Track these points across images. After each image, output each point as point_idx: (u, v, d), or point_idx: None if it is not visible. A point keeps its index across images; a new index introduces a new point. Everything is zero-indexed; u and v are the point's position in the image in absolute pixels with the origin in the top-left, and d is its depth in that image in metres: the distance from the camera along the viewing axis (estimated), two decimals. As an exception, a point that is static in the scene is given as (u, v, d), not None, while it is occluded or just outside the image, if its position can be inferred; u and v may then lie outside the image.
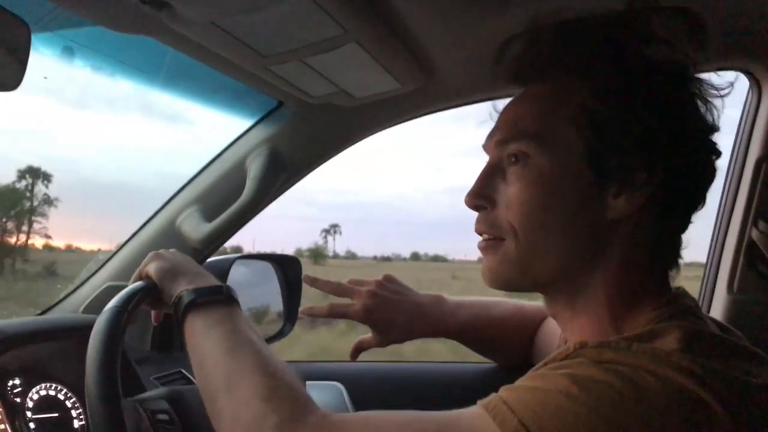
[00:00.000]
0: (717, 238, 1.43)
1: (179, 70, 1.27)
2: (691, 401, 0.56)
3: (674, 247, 0.75)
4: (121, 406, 0.77)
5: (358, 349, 1.19)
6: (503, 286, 0.78)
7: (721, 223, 1.42)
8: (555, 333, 1.10)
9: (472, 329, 1.21)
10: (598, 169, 0.69)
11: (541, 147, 0.72)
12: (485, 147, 0.80)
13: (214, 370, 0.77)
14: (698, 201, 0.73)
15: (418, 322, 1.17)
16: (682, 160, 0.69)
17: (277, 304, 1.61)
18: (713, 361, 0.60)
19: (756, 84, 1.29)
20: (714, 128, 0.72)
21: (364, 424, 0.68)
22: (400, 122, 1.40)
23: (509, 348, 1.26)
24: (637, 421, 0.56)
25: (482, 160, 0.80)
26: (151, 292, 0.91)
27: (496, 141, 0.77)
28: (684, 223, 0.74)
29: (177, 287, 0.88)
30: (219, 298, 0.86)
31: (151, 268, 0.93)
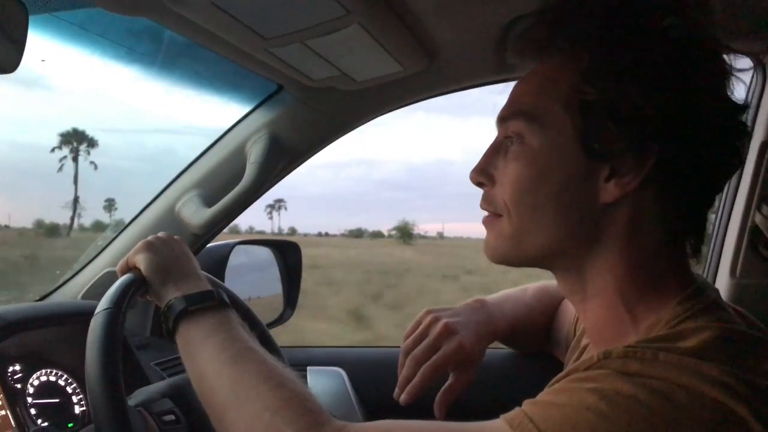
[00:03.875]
0: (720, 223, 1.43)
1: (178, 55, 1.25)
2: (723, 415, 0.55)
3: (689, 232, 0.72)
4: (129, 418, 0.76)
5: (447, 402, 1.03)
6: (500, 260, 0.77)
7: (724, 208, 1.42)
8: (567, 315, 1.09)
9: (522, 320, 1.15)
10: (588, 151, 0.68)
11: (533, 126, 0.72)
12: (496, 124, 0.79)
13: (216, 382, 0.75)
14: (708, 184, 0.70)
15: (483, 334, 1.07)
16: (682, 142, 0.66)
17: (277, 289, 1.61)
18: (746, 368, 0.58)
19: (761, 67, 1.28)
20: (730, 104, 0.69)
21: None
22: (401, 106, 1.39)
23: (529, 333, 1.20)
24: None
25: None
26: (141, 286, 0.89)
27: (498, 118, 0.77)
28: (697, 207, 0.71)
29: (166, 292, 0.87)
30: (211, 304, 0.84)
31: (140, 259, 0.91)
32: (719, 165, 0.69)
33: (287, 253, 1.65)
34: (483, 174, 0.77)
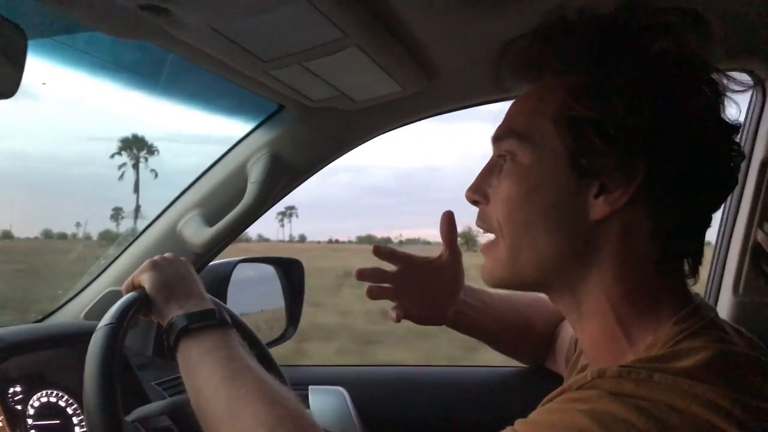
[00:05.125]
0: (722, 240, 1.42)
1: (179, 75, 1.26)
2: None
3: (685, 251, 0.71)
4: (122, 426, 0.76)
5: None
6: (497, 284, 0.77)
7: (726, 225, 1.41)
8: (568, 332, 1.09)
9: (491, 307, 1.17)
10: (577, 168, 0.69)
11: (524, 145, 0.72)
12: (491, 144, 0.80)
13: (213, 398, 0.76)
14: (701, 203, 0.70)
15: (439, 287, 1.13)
16: (670, 157, 0.66)
17: (280, 306, 1.61)
18: (742, 389, 0.57)
19: (760, 84, 1.28)
20: (721, 123, 0.68)
21: None
22: (402, 125, 1.39)
23: (526, 340, 1.23)
24: None
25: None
26: (144, 304, 0.90)
27: (492, 138, 0.78)
28: (691, 226, 0.71)
29: (168, 310, 0.88)
30: (212, 323, 0.85)
31: (145, 278, 0.93)
32: (711, 183, 0.69)
33: (290, 270, 1.64)
34: (478, 192, 0.78)
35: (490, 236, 0.78)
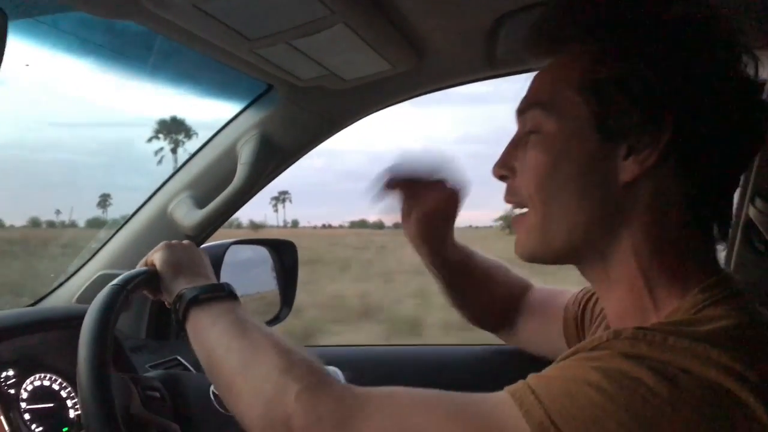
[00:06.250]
0: (714, 216, 1.42)
1: (166, 56, 1.25)
2: (726, 401, 0.55)
3: (714, 215, 0.71)
4: (108, 375, 0.80)
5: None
6: (530, 256, 0.77)
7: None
8: (556, 309, 1.07)
9: (464, 262, 1.13)
10: (604, 131, 0.69)
11: (549, 114, 0.73)
12: (516, 117, 0.80)
13: (226, 354, 0.79)
14: (729, 162, 0.70)
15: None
16: (697, 115, 0.66)
17: (273, 288, 1.61)
18: (761, 357, 0.58)
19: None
20: (745, 80, 0.68)
21: (388, 398, 0.69)
22: (392, 104, 1.39)
23: (491, 303, 1.19)
24: (668, 421, 0.54)
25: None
26: (152, 279, 0.94)
27: (516, 111, 0.79)
28: (720, 188, 0.71)
29: (176, 285, 0.91)
30: (221, 294, 0.88)
31: (157, 257, 0.97)
32: (738, 142, 0.69)
33: (283, 252, 1.64)
34: (504, 167, 0.79)
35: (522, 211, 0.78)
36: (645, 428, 0.54)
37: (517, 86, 0.82)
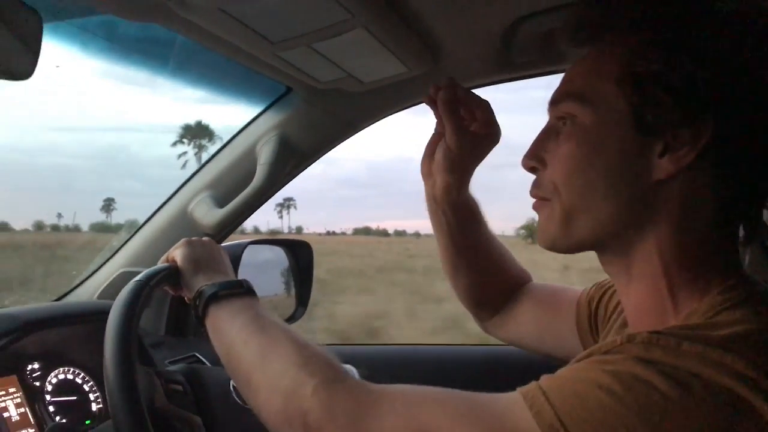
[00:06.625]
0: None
1: (189, 58, 1.28)
2: (739, 409, 0.54)
3: (743, 216, 0.69)
4: (134, 369, 0.82)
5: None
6: (549, 244, 0.76)
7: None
8: (564, 306, 1.03)
9: (473, 212, 1.04)
10: (642, 126, 0.67)
11: (584, 106, 0.71)
12: (548, 108, 0.78)
13: (244, 348, 0.80)
14: (765, 163, 0.67)
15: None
16: (739, 116, 0.64)
17: (289, 287, 1.63)
18: None
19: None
20: None
21: (401, 395, 0.68)
22: (409, 106, 1.40)
23: (494, 278, 1.11)
24: (678, 427, 0.53)
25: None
26: (173, 275, 0.95)
27: (550, 102, 0.77)
28: (753, 189, 0.68)
29: (196, 281, 0.92)
30: (240, 291, 0.89)
31: (177, 253, 0.98)
32: None
33: (299, 252, 1.66)
34: (534, 158, 0.76)
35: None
36: (653, 430, 0.54)
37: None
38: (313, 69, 1.13)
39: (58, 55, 1.06)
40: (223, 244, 1.50)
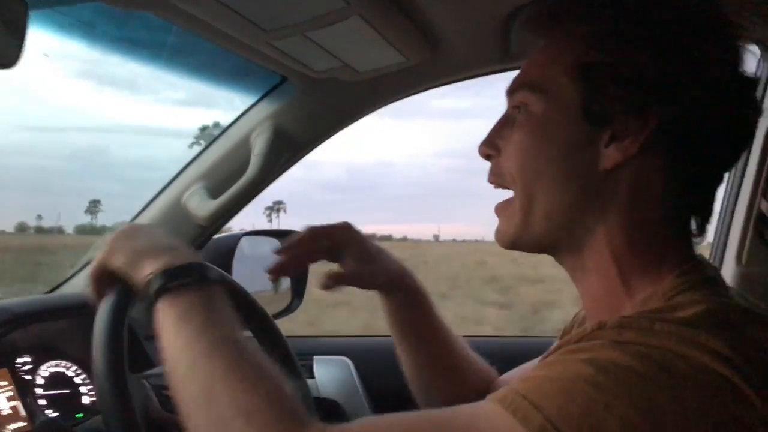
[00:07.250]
0: (725, 210, 1.42)
1: (182, 47, 1.26)
2: (722, 386, 0.54)
3: (695, 208, 0.71)
4: (126, 381, 0.75)
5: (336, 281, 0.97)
6: (510, 243, 0.76)
7: (729, 195, 1.41)
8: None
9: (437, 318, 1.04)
10: (590, 116, 0.68)
11: (536, 96, 0.72)
12: (506, 97, 0.80)
13: (188, 376, 0.66)
14: (714, 156, 0.69)
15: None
16: (684, 106, 0.65)
17: (284, 279, 1.62)
18: (742, 340, 0.57)
19: (767, 52, 1.26)
20: (737, 74, 0.68)
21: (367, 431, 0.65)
22: (405, 96, 1.39)
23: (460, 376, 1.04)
24: (669, 406, 0.53)
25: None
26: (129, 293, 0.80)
27: (506, 91, 0.78)
28: (703, 181, 0.70)
29: (142, 269, 0.75)
30: (189, 280, 0.72)
31: (114, 261, 0.78)
32: (725, 136, 0.68)
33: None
34: (490, 145, 0.78)
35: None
36: (645, 416, 0.53)
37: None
38: (307, 58, 1.12)
39: (46, 43, 1.04)
40: (216, 236, 1.49)
